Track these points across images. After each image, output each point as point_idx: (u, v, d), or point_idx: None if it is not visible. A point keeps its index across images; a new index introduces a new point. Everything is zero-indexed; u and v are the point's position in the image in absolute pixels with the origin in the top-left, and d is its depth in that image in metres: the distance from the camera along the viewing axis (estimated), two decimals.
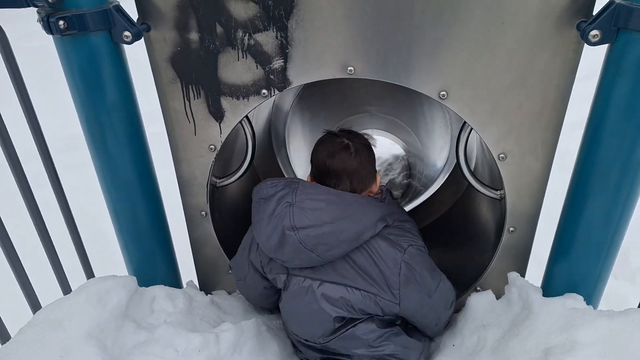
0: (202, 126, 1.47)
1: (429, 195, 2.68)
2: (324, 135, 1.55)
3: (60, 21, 1.16)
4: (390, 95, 2.71)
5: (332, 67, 1.32)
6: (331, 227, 1.30)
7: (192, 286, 1.74)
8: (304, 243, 1.31)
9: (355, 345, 1.43)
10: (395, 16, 1.22)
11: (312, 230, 1.30)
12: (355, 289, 1.38)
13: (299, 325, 1.48)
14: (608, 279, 1.44)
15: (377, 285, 1.37)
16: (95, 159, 1.42)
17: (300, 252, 1.32)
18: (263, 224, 1.36)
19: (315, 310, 1.39)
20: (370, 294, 1.37)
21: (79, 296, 1.35)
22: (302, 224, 1.30)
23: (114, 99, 1.32)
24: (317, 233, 1.30)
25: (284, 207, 1.33)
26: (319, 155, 1.48)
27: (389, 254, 1.36)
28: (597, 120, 1.21)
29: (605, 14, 1.11)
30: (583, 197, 1.30)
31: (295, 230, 1.30)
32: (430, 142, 2.74)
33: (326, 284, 1.38)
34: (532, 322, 1.35)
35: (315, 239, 1.31)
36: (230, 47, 1.33)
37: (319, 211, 1.31)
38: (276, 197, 1.36)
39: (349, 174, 1.43)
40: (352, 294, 1.38)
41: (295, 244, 1.31)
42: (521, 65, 1.24)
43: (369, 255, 1.37)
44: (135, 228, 1.54)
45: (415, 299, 1.41)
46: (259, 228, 1.38)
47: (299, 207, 1.32)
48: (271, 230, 1.34)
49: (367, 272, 1.37)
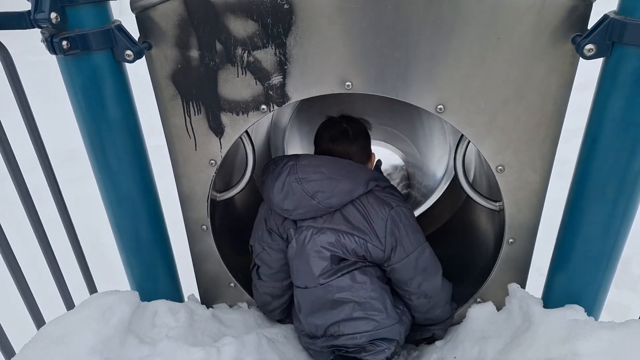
0: (202, 141, 1.49)
1: (429, 206, 2.69)
2: (326, 120, 1.80)
3: (63, 41, 1.18)
4: (389, 106, 2.73)
5: (330, 83, 1.34)
6: (329, 179, 1.56)
7: (193, 300, 1.74)
8: (306, 190, 1.55)
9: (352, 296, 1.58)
10: (392, 32, 1.24)
11: (314, 181, 1.55)
12: (349, 234, 1.59)
13: (303, 270, 1.62)
14: (609, 290, 1.44)
15: (367, 233, 1.58)
16: (97, 174, 1.43)
17: (303, 199, 1.56)
18: (272, 184, 1.60)
19: (315, 252, 1.59)
20: (361, 238, 1.59)
21: (83, 312, 1.36)
22: (304, 176, 1.56)
23: (116, 116, 1.34)
24: (317, 182, 1.55)
25: (289, 168, 1.59)
26: (321, 139, 1.74)
27: (377, 209, 1.59)
28: (593, 134, 1.23)
29: (600, 28, 1.12)
30: (581, 209, 1.31)
31: (299, 180, 1.56)
32: (429, 152, 2.76)
33: (325, 230, 1.60)
34: (532, 333, 1.35)
35: (316, 187, 1.55)
36: (230, 64, 1.35)
37: (319, 167, 1.57)
38: (281, 164, 1.62)
39: (348, 155, 1.68)
40: (345, 238, 1.59)
41: (300, 192, 1.56)
42: (517, 79, 1.26)
43: (361, 208, 1.60)
44: (137, 243, 1.55)
45: (398, 249, 1.59)
46: (269, 188, 1.61)
47: (302, 165, 1.58)
48: (280, 185, 1.58)
49: (359, 222, 1.59)
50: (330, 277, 1.59)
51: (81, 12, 1.20)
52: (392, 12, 1.22)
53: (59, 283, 1.57)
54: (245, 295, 1.83)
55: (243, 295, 1.83)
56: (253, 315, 1.79)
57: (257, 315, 1.81)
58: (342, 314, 1.58)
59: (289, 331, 1.78)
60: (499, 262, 1.57)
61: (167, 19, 1.30)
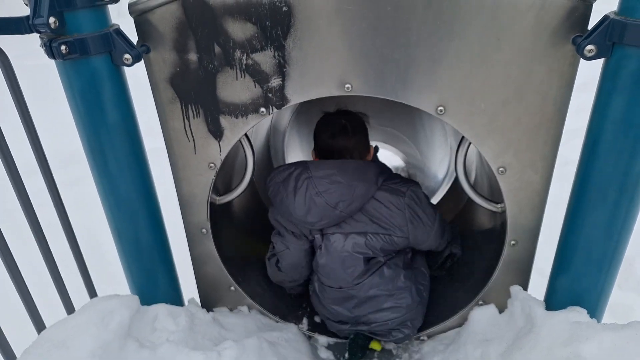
0: (201, 145, 1.48)
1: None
2: (323, 116, 1.84)
3: (62, 46, 1.18)
4: (389, 107, 2.72)
5: (330, 85, 1.33)
6: (347, 187, 1.62)
7: (193, 304, 1.74)
8: (329, 203, 1.62)
9: (382, 291, 1.71)
10: (391, 33, 1.23)
11: (334, 192, 1.62)
12: (375, 234, 1.70)
13: (334, 275, 1.73)
14: (611, 291, 1.43)
15: (389, 228, 1.70)
16: (96, 179, 1.43)
17: (327, 210, 1.63)
18: (290, 199, 1.65)
19: (347, 256, 1.70)
20: (386, 235, 1.70)
21: (83, 316, 1.36)
22: (324, 188, 1.62)
23: (115, 120, 1.34)
24: (337, 193, 1.62)
25: (304, 180, 1.63)
26: (321, 136, 1.80)
27: (393, 201, 1.68)
28: (594, 135, 1.22)
29: (600, 29, 1.11)
30: (583, 211, 1.30)
31: (320, 194, 1.62)
32: (430, 153, 2.75)
33: (353, 235, 1.70)
34: (535, 336, 1.34)
35: (337, 197, 1.62)
36: (228, 66, 1.35)
37: (334, 176, 1.62)
38: (293, 176, 1.65)
39: (348, 150, 1.75)
40: (372, 239, 1.70)
41: (322, 205, 1.62)
42: (518, 80, 1.25)
43: (378, 205, 1.68)
44: (136, 247, 1.54)
45: (421, 231, 1.73)
46: (286, 203, 1.66)
47: (317, 177, 1.63)
48: (300, 200, 1.62)
49: (379, 219, 1.69)
50: (362, 277, 1.71)
51: (79, 16, 1.20)
52: (391, 13, 1.21)
53: (59, 287, 1.56)
54: (245, 299, 1.83)
55: (244, 299, 1.83)
56: (254, 319, 1.78)
57: (257, 319, 1.81)
58: (372, 307, 1.72)
59: (290, 335, 1.78)
60: (500, 264, 1.56)
61: (165, 22, 1.30)
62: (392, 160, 3.78)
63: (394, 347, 1.85)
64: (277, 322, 1.87)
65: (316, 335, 1.89)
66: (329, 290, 1.76)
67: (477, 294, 1.65)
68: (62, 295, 1.58)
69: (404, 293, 1.72)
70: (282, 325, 1.85)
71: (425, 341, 1.81)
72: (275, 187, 1.68)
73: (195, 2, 1.26)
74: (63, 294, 1.58)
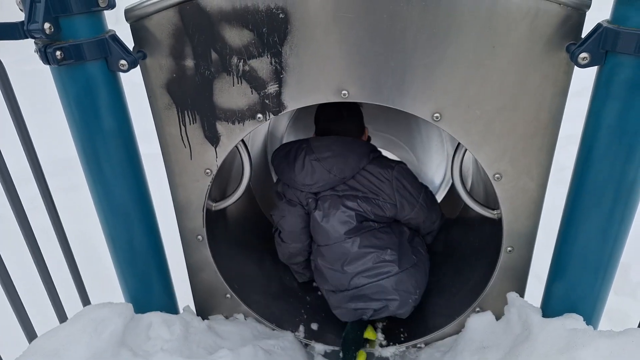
0: (198, 151, 1.48)
1: None
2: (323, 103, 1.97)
3: (57, 51, 1.17)
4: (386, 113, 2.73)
5: (327, 92, 1.34)
6: (340, 156, 1.86)
7: (188, 312, 1.72)
8: (324, 166, 1.85)
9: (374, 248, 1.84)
10: (388, 41, 1.24)
11: (329, 157, 1.85)
12: (365, 198, 1.89)
13: (331, 230, 1.87)
14: (607, 298, 1.43)
15: (378, 194, 1.89)
16: (91, 185, 1.42)
17: (322, 173, 1.86)
18: (290, 165, 1.89)
19: (341, 214, 1.86)
20: (375, 199, 1.89)
21: (75, 325, 1.34)
22: (320, 155, 1.86)
23: (110, 127, 1.33)
24: (332, 159, 1.85)
25: (303, 149, 1.89)
26: (320, 120, 2.07)
27: (381, 173, 1.90)
28: (589, 142, 1.22)
29: (593, 37, 1.12)
30: (579, 217, 1.30)
31: (317, 159, 1.86)
32: (427, 159, 2.76)
33: (344, 198, 1.88)
34: (532, 343, 1.34)
35: (332, 163, 1.85)
36: (225, 73, 1.35)
37: (329, 146, 1.88)
38: (294, 149, 1.92)
39: (345, 132, 1.97)
40: (363, 202, 1.88)
41: (320, 168, 1.85)
42: (513, 87, 1.26)
43: (369, 175, 1.90)
44: (131, 254, 1.53)
45: (407, 201, 1.91)
46: (289, 170, 1.90)
47: (315, 147, 1.88)
48: (300, 165, 1.87)
49: (370, 187, 1.89)
50: (355, 233, 1.85)
51: (75, 22, 1.19)
52: (387, 21, 1.22)
53: (51, 294, 1.54)
54: (241, 307, 1.81)
55: (239, 306, 1.81)
56: (249, 327, 1.77)
57: (253, 327, 1.79)
58: (365, 264, 1.82)
59: (286, 342, 1.76)
60: (497, 270, 1.56)
61: (161, 28, 1.30)
62: None
63: (391, 355, 1.84)
64: (273, 330, 1.85)
65: (312, 343, 1.87)
66: (324, 252, 1.89)
67: (474, 300, 1.65)
68: (55, 303, 1.56)
69: (395, 256, 1.83)
70: (278, 333, 1.84)
71: (422, 348, 1.80)
72: (278, 160, 1.96)
73: (192, 8, 1.27)
74: (55, 301, 1.56)
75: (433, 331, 1.78)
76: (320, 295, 2.10)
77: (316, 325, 1.94)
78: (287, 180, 1.93)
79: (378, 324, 1.98)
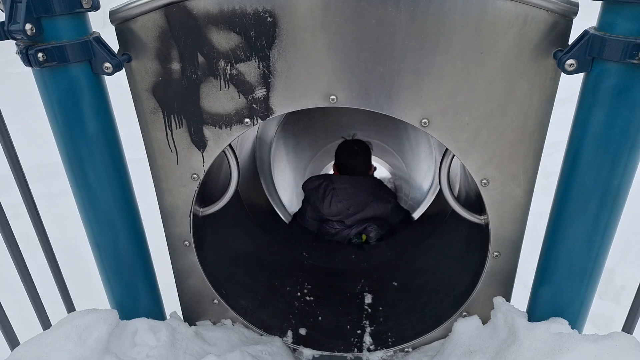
0: (184, 155, 1.46)
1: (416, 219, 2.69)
2: (342, 142, 3.01)
3: (39, 53, 1.15)
4: (375, 119, 2.74)
5: (315, 97, 1.33)
6: (355, 197, 2.76)
7: (175, 318, 1.70)
8: (345, 206, 2.76)
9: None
10: (376, 47, 1.24)
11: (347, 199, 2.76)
12: (363, 220, 2.83)
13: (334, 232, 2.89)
14: (592, 302, 1.45)
15: (374, 218, 2.82)
16: (75, 191, 1.39)
17: (343, 210, 2.78)
18: (320, 201, 2.79)
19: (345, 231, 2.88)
20: (370, 219, 2.83)
21: (58, 332, 1.31)
22: (342, 198, 2.76)
23: (95, 131, 1.31)
24: (349, 200, 2.76)
25: (330, 190, 2.78)
26: (341, 156, 2.99)
27: (383, 206, 2.83)
28: (575, 148, 1.23)
29: (580, 43, 1.13)
30: (564, 224, 1.31)
31: (340, 201, 2.76)
32: (416, 165, 2.77)
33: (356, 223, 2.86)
34: (518, 348, 1.34)
35: (349, 204, 2.77)
36: (212, 76, 1.33)
37: (348, 189, 2.77)
38: (322, 187, 2.79)
39: (358, 168, 2.92)
40: (361, 223, 2.83)
41: (341, 207, 2.77)
42: (500, 94, 1.26)
43: (375, 208, 2.81)
44: (116, 260, 1.50)
45: (393, 215, 2.88)
46: (319, 202, 2.80)
47: (338, 189, 2.77)
48: (327, 203, 2.78)
49: (374, 218, 2.82)
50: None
51: (58, 23, 1.17)
52: (376, 27, 1.21)
53: (34, 301, 1.51)
54: (229, 312, 1.80)
55: (227, 311, 1.79)
56: (237, 333, 1.75)
57: (241, 333, 1.77)
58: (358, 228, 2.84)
59: (274, 348, 1.75)
60: (484, 275, 1.57)
61: (147, 31, 1.28)
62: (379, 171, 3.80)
63: (378, 359, 1.84)
64: (261, 336, 1.84)
65: (301, 348, 1.86)
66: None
67: (461, 305, 1.65)
68: (38, 310, 1.53)
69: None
70: (266, 339, 1.82)
71: (409, 353, 1.80)
72: (309, 192, 2.85)
73: (178, 11, 1.25)
74: (38, 308, 1.53)
75: (420, 335, 1.78)
76: (308, 300, 2.09)
77: (304, 330, 1.93)
78: (315, 207, 2.84)
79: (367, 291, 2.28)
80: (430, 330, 1.75)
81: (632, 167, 1.20)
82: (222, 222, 2.01)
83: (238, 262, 2.04)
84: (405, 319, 1.90)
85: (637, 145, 1.16)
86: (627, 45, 1.05)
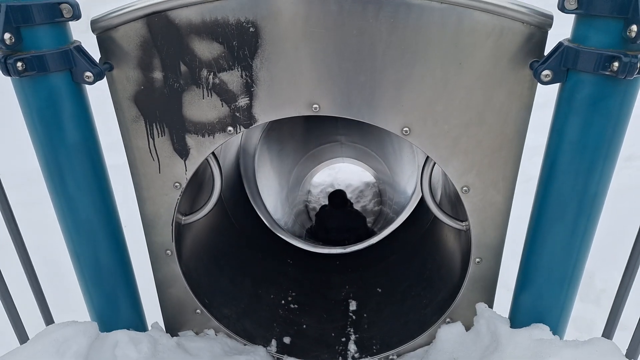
0: (166, 164, 1.45)
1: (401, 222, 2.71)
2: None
3: (18, 62, 1.14)
4: (359, 125, 2.75)
5: (298, 105, 1.34)
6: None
7: (157, 329, 1.68)
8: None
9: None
10: (357, 57, 1.25)
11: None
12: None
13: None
14: (573, 307, 1.47)
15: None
16: (54, 200, 1.37)
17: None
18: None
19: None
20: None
21: (37, 345, 1.29)
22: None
23: (75, 140, 1.29)
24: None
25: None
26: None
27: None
28: (552, 156, 1.26)
29: (555, 55, 1.16)
30: (543, 230, 1.34)
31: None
32: (399, 169, 2.79)
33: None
34: (500, 354, 1.36)
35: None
36: (195, 85, 1.33)
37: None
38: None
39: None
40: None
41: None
42: (479, 103, 1.29)
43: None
44: (97, 271, 1.48)
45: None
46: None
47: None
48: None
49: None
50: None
51: (38, 33, 1.16)
52: (356, 37, 1.23)
53: (10, 314, 1.48)
54: (212, 322, 1.78)
55: (210, 321, 1.77)
56: (220, 343, 1.73)
57: (224, 343, 1.76)
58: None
59: (257, 358, 1.73)
60: (466, 281, 1.58)
61: (129, 40, 1.27)
62: (362, 176, 3.81)
63: None
64: (244, 345, 1.82)
65: (285, 357, 1.85)
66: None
67: (445, 311, 1.67)
68: (14, 322, 1.49)
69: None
70: (249, 349, 1.81)
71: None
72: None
73: (160, 20, 1.25)
74: (15, 321, 1.49)
75: (405, 342, 1.78)
76: (293, 308, 2.08)
77: (289, 339, 1.92)
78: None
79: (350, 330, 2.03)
80: (414, 336, 1.76)
81: (608, 173, 1.23)
82: (205, 230, 2.00)
83: (221, 271, 2.02)
84: (389, 326, 1.90)
85: (612, 152, 1.20)
86: (600, 57, 1.08)
